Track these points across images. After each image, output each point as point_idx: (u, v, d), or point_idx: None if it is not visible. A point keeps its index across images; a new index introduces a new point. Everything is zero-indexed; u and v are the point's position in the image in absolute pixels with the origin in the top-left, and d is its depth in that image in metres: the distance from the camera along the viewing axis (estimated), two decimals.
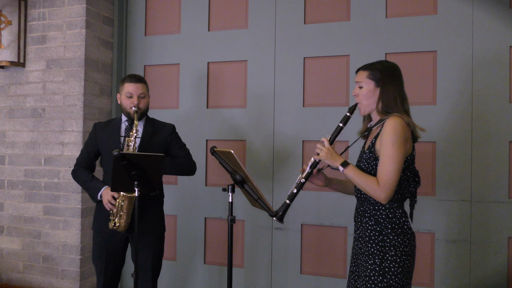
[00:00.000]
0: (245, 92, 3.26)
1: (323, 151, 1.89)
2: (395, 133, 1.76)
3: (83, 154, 2.63)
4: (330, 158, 1.88)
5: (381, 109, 1.88)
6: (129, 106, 2.50)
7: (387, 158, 1.76)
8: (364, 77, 1.91)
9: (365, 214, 1.90)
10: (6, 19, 3.32)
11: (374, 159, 1.86)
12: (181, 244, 3.39)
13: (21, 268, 3.42)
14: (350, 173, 1.84)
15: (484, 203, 2.72)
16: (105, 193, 2.43)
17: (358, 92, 1.93)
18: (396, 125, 1.78)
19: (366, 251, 1.85)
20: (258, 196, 2.07)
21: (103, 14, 3.44)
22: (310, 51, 3.10)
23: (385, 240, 1.81)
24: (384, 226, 1.83)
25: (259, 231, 3.19)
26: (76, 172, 2.60)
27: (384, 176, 1.76)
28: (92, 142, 2.61)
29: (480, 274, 2.71)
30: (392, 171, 1.75)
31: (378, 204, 1.85)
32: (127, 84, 2.52)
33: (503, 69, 2.70)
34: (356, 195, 1.98)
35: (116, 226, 2.41)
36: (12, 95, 3.46)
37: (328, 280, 3.02)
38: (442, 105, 2.81)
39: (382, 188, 1.76)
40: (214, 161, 3.11)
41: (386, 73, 1.90)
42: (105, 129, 2.60)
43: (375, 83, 1.89)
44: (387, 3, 2.94)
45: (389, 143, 1.76)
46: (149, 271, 2.53)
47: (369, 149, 1.89)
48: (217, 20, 3.36)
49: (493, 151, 2.71)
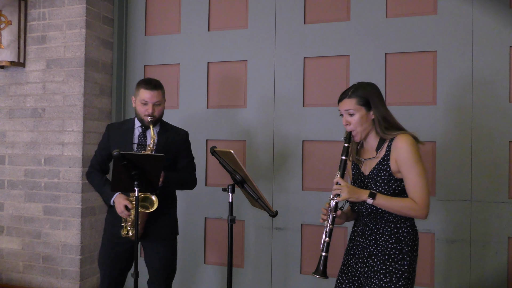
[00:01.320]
0: (245, 92, 3.26)
1: (344, 190, 1.83)
2: (413, 150, 1.81)
3: (97, 156, 2.58)
4: (354, 195, 1.84)
5: (382, 129, 1.88)
6: (143, 113, 2.41)
7: (416, 176, 1.79)
8: (353, 104, 1.89)
9: (384, 233, 1.87)
10: (6, 19, 3.32)
11: (395, 181, 1.85)
12: (181, 244, 3.38)
13: (21, 268, 3.42)
14: (381, 202, 1.82)
15: (484, 203, 2.72)
16: (117, 201, 2.38)
17: (350, 119, 1.91)
18: (410, 143, 1.81)
19: (383, 269, 1.84)
20: (258, 196, 2.07)
21: (103, 14, 3.44)
22: (310, 51, 3.10)
23: (405, 259, 1.84)
24: (405, 244, 1.85)
25: (259, 231, 3.19)
26: (90, 175, 2.57)
27: (421, 195, 1.79)
28: (104, 144, 2.55)
29: (480, 274, 2.71)
30: (425, 187, 1.80)
31: (399, 222, 1.86)
32: (143, 90, 2.41)
33: (503, 69, 2.70)
34: (368, 212, 1.92)
35: (129, 235, 2.39)
36: (12, 95, 3.46)
37: (328, 280, 3.02)
38: (442, 105, 2.81)
39: (422, 206, 1.79)
40: (214, 161, 3.11)
41: (373, 94, 1.90)
42: (118, 133, 2.52)
43: (365, 108, 1.89)
44: (387, 3, 2.94)
45: (414, 162, 1.80)
46: (162, 275, 2.50)
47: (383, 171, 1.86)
48: (217, 20, 3.36)
49: (493, 151, 2.71)
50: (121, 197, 2.40)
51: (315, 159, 3.08)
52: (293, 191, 3.10)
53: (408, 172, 1.80)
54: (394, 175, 1.85)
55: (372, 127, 1.92)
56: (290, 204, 3.12)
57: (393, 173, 1.85)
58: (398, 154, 1.82)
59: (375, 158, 1.91)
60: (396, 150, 1.83)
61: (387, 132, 1.87)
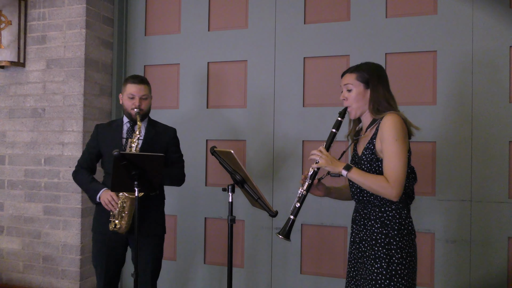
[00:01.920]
0: (245, 92, 3.26)
1: (323, 158, 1.85)
2: (396, 129, 1.77)
3: (85, 155, 2.62)
4: (331, 164, 1.84)
5: (375, 109, 1.87)
6: (131, 107, 2.48)
7: (393, 154, 1.75)
8: (352, 79, 1.90)
9: (370, 217, 1.87)
10: (6, 19, 3.32)
11: (376, 160, 1.83)
12: (181, 244, 3.39)
13: (21, 268, 3.42)
14: (355, 176, 1.81)
15: (484, 203, 2.72)
16: (103, 195, 2.41)
17: (347, 95, 1.91)
18: (395, 121, 1.78)
19: (372, 255, 1.83)
20: (258, 196, 2.07)
21: (103, 14, 3.44)
22: (310, 51, 3.10)
23: (391, 243, 1.80)
24: (390, 228, 1.82)
25: (259, 231, 3.19)
26: (77, 173, 2.59)
27: (393, 173, 1.75)
28: (93, 143, 2.59)
29: (480, 274, 2.71)
30: (400, 167, 1.75)
31: (384, 206, 1.84)
32: (130, 85, 2.50)
33: (503, 69, 2.70)
34: (358, 198, 1.93)
35: (117, 228, 2.40)
36: (12, 95, 3.46)
37: (328, 280, 3.02)
38: (442, 105, 2.81)
39: (393, 185, 1.74)
40: (214, 161, 3.11)
41: (374, 73, 1.90)
42: (107, 131, 2.58)
43: (364, 85, 1.89)
44: (387, 3, 2.94)
45: (393, 140, 1.76)
46: (149, 272, 2.52)
47: (369, 150, 1.86)
48: (217, 20, 3.36)
49: (493, 151, 2.71)
50: (107, 191, 2.41)
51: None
52: (293, 191, 3.10)
53: (385, 150, 1.77)
54: (377, 155, 1.83)
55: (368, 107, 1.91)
56: (290, 204, 3.10)
57: (377, 152, 1.83)
58: (382, 132, 1.80)
59: (365, 136, 1.92)
60: (381, 129, 1.81)
61: (378, 112, 1.86)
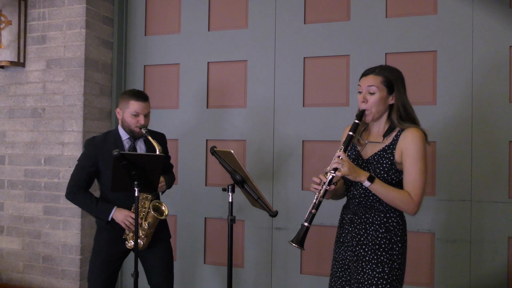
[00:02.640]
0: (245, 92, 3.26)
1: (345, 166, 1.76)
2: (422, 147, 1.78)
3: (82, 174, 2.44)
4: (353, 173, 1.77)
5: (398, 118, 1.83)
6: (135, 125, 2.43)
7: (419, 172, 1.77)
8: (378, 82, 1.82)
9: (374, 222, 1.85)
10: (6, 19, 3.32)
11: (395, 171, 1.82)
12: (181, 244, 3.39)
13: (21, 268, 3.42)
14: (378, 187, 1.77)
15: (484, 203, 2.72)
16: (119, 215, 2.36)
17: (368, 98, 1.83)
18: (422, 138, 1.79)
19: (374, 259, 1.82)
20: (258, 196, 2.07)
21: (103, 14, 3.44)
22: (310, 51, 3.10)
23: (394, 249, 1.82)
24: (394, 233, 1.83)
25: (259, 231, 3.19)
26: (75, 195, 2.43)
27: (417, 191, 1.78)
28: (92, 161, 2.44)
29: (480, 274, 2.71)
30: (423, 186, 1.79)
31: (389, 212, 1.84)
32: (134, 102, 2.41)
33: (503, 69, 2.70)
34: (359, 201, 1.89)
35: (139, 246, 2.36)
36: (12, 95, 3.46)
37: (328, 280, 3.02)
38: (442, 105, 2.81)
39: (416, 203, 1.78)
40: (214, 161, 3.11)
41: (398, 78, 1.85)
42: (105, 147, 2.44)
43: (388, 90, 1.83)
44: (387, 3, 2.94)
45: (420, 158, 1.77)
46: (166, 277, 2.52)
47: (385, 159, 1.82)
48: (217, 20, 3.36)
49: (493, 151, 2.71)
50: (123, 211, 2.38)
51: (315, 159, 3.08)
52: (293, 191, 3.10)
53: (410, 166, 1.77)
54: (396, 166, 1.82)
55: (385, 112, 1.87)
56: (290, 204, 3.12)
57: (395, 163, 1.82)
58: (406, 145, 1.78)
59: (380, 143, 1.86)
60: (404, 141, 1.79)
61: (400, 122, 1.83)
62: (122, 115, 2.47)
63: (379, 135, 1.90)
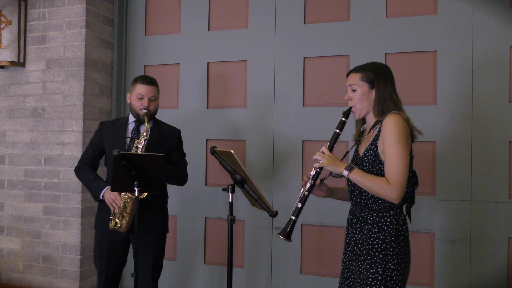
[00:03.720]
0: (245, 92, 3.26)
1: (324, 158, 1.84)
2: (398, 129, 1.74)
3: (88, 151, 2.62)
4: (332, 164, 1.83)
5: (379, 110, 1.86)
6: (139, 107, 2.49)
7: (394, 156, 1.73)
8: (357, 79, 1.88)
9: (367, 221, 1.84)
10: (6, 19, 3.32)
11: (378, 163, 1.81)
12: (181, 244, 3.39)
13: (21, 268, 3.42)
14: (356, 176, 1.79)
15: (484, 203, 2.72)
16: (107, 193, 2.43)
17: (352, 95, 1.90)
18: (397, 122, 1.76)
19: (368, 259, 1.81)
20: (258, 196, 2.07)
21: (103, 14, 3.44)
22: (310, 51, 3.10)
23: (388, 249, 1.78)
24: (388, 233, 1.79)
25: (259, 231, 3.19)
26: (79, 169, 2.60)
27: (394, 175, 1.72)
28: (97, 140, 2.60)
29: (480, 274, 2.71)
30: (402, 168, 1.72)
31: (382, 211, 1.82)
32: (139, 85, 2.50)
33: (503, 69, 2.70)
34: (356, 200, 1.91)
35: (117, 227, 2.40)
36: (12, 95, 3.46)
37: (328, 280, 3.02)
38: (442, 105, 2.81)
39: (394, 187, 1.71)
40: (214, 161, 3.11)
41: (379, 74, 1.88)
42: (112, 128, 2.59)
43: (369, 85, 1.87)
44: (387, 3, 2.94)
45: (394, 141, 1.73)
46: (150, 271, 2.52)
47: (371, 152, 1.83)
48: (217, 20, 3.36)
49: (493, 151, 2.71)
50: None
51: None
52: (293, 191, 3.10)
53: (387, 151, 1.75)
54: (379, 156, 1.81)
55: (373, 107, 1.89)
56: (290, 204, 3.11)
57: (379, 154, 1.81)
58: (383, 133, 1.78)
59: (368, 137, 1.90)
60: (383, 129, 1.79)
61: (381, 113, 1.85)
62: (130, 99, 2.56)
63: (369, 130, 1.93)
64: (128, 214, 2.39)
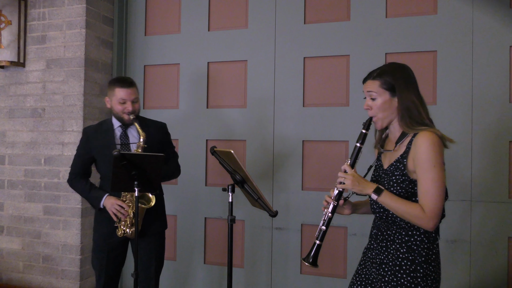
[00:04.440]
0: (245, 92, 3.26)
1: (348, 179, 1.68)
2: (434, 153, 1.59)
3: (77, 162, 2.56)
4: (358, 186, 1.67)
5: (405, 121, 1.67)
6: (122, 111, 2.44)
7: (430, 182, 1.58)
8: (376, 87, 1.70)
9: (395, 240, 1.69)
10: (6, 19, 3.32)
11: (409, 182, 1.65)
12: (181, 244, 3.39)
13: (21, 268, 3.42)
14: (386, 201, 1.63)
15: (484, 203, 2.72)
16: (109, 203, 2.40)
17: (371, 104, 1.72)
18: (434, 143, 1.60)
19: (394, 281, 1.66)
20: (258, 196, 2.07)
21: (103, 14, 3.44)
22: (310, 51, 3.10)
23: (417, 270, 1.64)
24: (418, 254, 1.65)
25: (259, 231, 3.19)
26: (73, 182, 2.55)
27: (430, 203, 1.58)
28: (85, 150, 2.53)
29: (480, 274, 2.71)
30: (439, 197, 1.58)
31: (411, 229, 1.66)
32: (119, 89, 2.43)
33: (503, 69, 2.70)
34: (381, 216, 1.74)
35: (126, 234, 2.40)
36: (12, 95, 3.46)
37: (328, 280, 3.02)
38: (442, 105, 2.81)
39: (430, 217, 1.57)
40: (214, 161, 3.11)
41: (400, 78, 1.70)
42: (98, 135, 2.52)
43: (390, 93, 1.69)
44: (387, 3, 2.94)
45: (431, 166, 1.58)
46: (152, 269, 2.52)
47: (398, 170, 1.68)
48: (217, 20, 3.36)
49: (493, 151, 2.71)
50: (112, 199, 2.41)
51: (315, 159, 3.08)
52: (293, 191, 3.10)
53: (422, 175, 1.59)
54: (410, 176, 1.65)
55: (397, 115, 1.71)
56: (290, 204, 3.12)
57: (408, 173, 1.65)
58: (416, 152, 1.61)
59: (394, 152, 1.73)
60: (415, 148, 1.62)
61: (410, 126, 1.66)
62: (111, 104, 2.50)
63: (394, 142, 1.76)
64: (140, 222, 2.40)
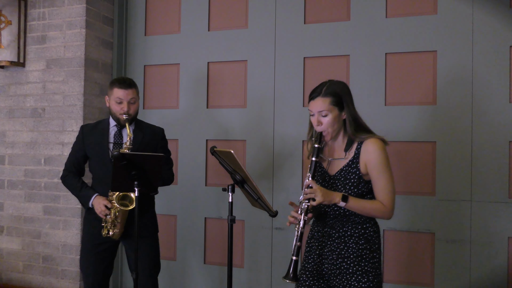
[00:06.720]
0: (245, 92, 3.26)
1: (318, 194, 1.82)
2: (384, 155, 1.87)
3: (71, 158, 2.57)
4: (328, 198, 1.84)
5: (352, 130, 1.90)
6: (119, 112, 2.44)
7: (386, 180, 1.87)
8: (327, 104, 1.88)
9: (353, 234, 1.91)
10: (6, 19, 3.32)
11: (364, 183, 1.90)
12: (181, 244, 3.39)
13: (21, 268, 3.42)
14: (353, 205, 1.86)
15: (484, 203, 2.72)
16: (96, 202, 2.41)
17: (322, 120, 1.90)
18: (381, 147, 1.87)
19: (359, 270, 1.87)
20: (258, 196, 2.07)
21: (103, 14, 3.44)
22: (310, 51, 3.10)
23: (374, 257, 1.91)
24: (372, 242, 1.91)
25: (259, 231, 3.19)
26: (65, 178, 2.57)
27: (389, 198, 1.87)
28: (79, 146, 2.55)
29: (480, 274, 2.71)
30: (393, 191, 1.89)
31: (365, 223, 1.91)
32: (117, 89, 2.44)
33: (503, 69, 2.70)
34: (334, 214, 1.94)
35: (109, 235, 2.41)
36: (12, 95, 3.46)
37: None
38: (442, 105, 2.81)
39: (391, 209, 1.88)
40: (214, 161, 3.11)
41: (346, 94, 1.92)
42: (93, 133, 2.53)
43: (338, 108, 1.90)
44: (387, 3, 2.94)
45: (383, 166, 1.86)
46: (147, 270, 2.52)
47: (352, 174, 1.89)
48: (217, 20, 3.36)
49: (493, 151, 2.71)
50: (100, 198, 2.42)
51: None
52: (293, 191, 3.10)
53: (377, 176, 1.87)
54: (363, 178, 1.90)
55: (342, 127, 1.94)
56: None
57: (362, 176, 1.89)
58: (369, 157, 1.86)
59: (344, 159, 1.93)
60: (366, 154, 1.87)
61: (356, 134, 1.91)
62: (109, 103, 2.51)
63: (340, 150, 1.96)
64: (120, 223, 2.41)
